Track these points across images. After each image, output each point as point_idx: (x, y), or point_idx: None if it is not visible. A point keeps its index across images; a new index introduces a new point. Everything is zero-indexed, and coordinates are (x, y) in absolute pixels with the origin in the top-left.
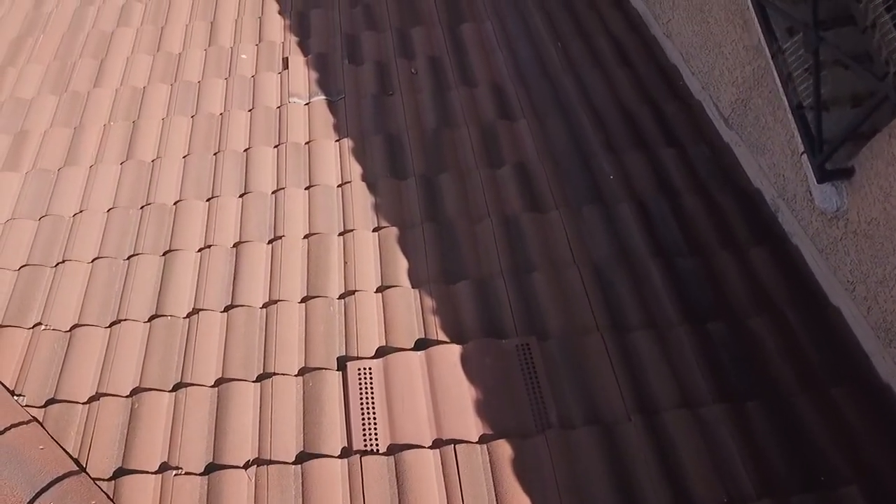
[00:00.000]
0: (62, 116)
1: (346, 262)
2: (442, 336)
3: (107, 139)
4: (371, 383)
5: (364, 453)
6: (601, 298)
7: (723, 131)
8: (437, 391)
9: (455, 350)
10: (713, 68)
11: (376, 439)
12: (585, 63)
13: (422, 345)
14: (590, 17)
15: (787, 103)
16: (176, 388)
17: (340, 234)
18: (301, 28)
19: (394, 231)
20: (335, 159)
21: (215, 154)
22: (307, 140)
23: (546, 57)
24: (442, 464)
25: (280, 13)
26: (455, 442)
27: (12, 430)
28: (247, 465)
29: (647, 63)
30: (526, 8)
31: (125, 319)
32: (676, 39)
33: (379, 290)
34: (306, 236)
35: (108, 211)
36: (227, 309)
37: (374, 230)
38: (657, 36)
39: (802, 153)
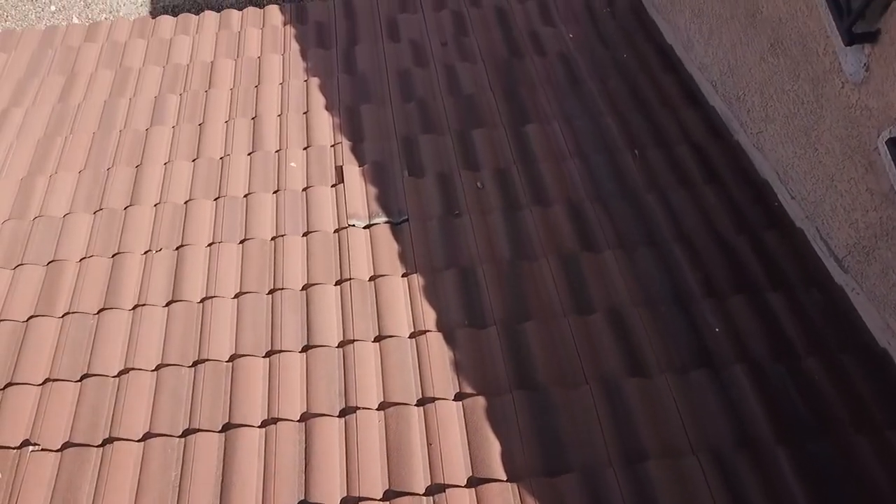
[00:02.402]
0: (99, 243)
1: (429, 444)
2: None
3: (149, 273)
4: None
5: None
6: (725, 492)
7: (835, 272)
8: None
9: None
10: (822, 201)
11: None
12: (668, 178)
13: None
14: (665, 118)
15: None
16: None
17: (419, 404)
18: (352, 128)
19: (480, 401)
20: (405, 301)
21: (271, 293)
22: (372, 275)
23: (623, 167)
24: None
25: (327, 108)
26: None
27: None
28: None
29: (736, 177)
30: (595, 106)
31: None
32: (770, 155)
33: (471, 482)
34: (381, 406)
35: (156, 369)
36: None
37: (457, 397)
38: (743, 144)
39: None
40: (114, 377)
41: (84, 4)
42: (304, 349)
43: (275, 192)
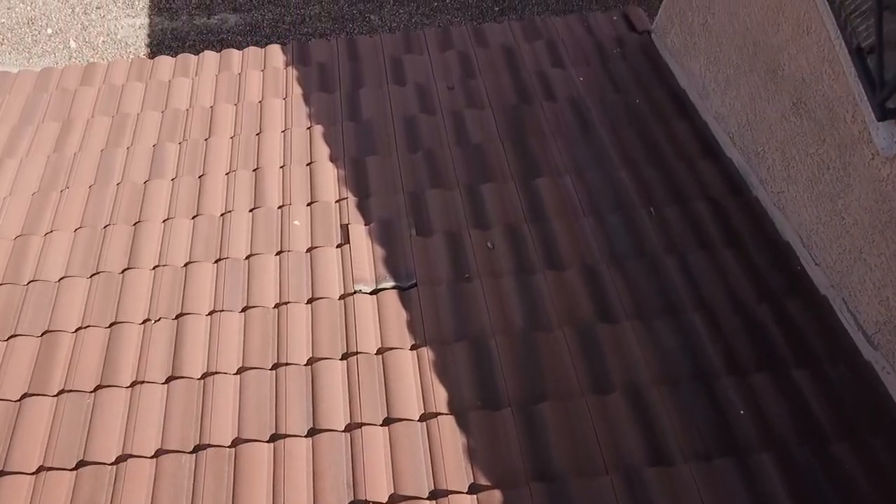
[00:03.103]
0: (96, 310)
1: None
2: None
3: (148, 345)
4: None
5: None
6: None
7: (863, 347)
8: None
9: None
10: (849, 272)
11: None
12: (686, 238)
13: None
14: (680, 171)
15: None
16: None
17: (432, 497)
18: (358, 182)
19: (496, 496)
20: (415, 378)
21: (274, 368)
22: (379, 347)
23: (639, 226)
24: None
25: (332, 160)
26: None
27: None
28: None
29: (756, 238)
30: (607, 157)
31: None
32: (792, 217)
33: None
34: (392, 499)
35: (155, 455)
36: None
37: (471, 490)
38: (762, 200)
39: None
40: (111, 465)
41: (81, 27)
42: (310, 433)
43: (278, 254)
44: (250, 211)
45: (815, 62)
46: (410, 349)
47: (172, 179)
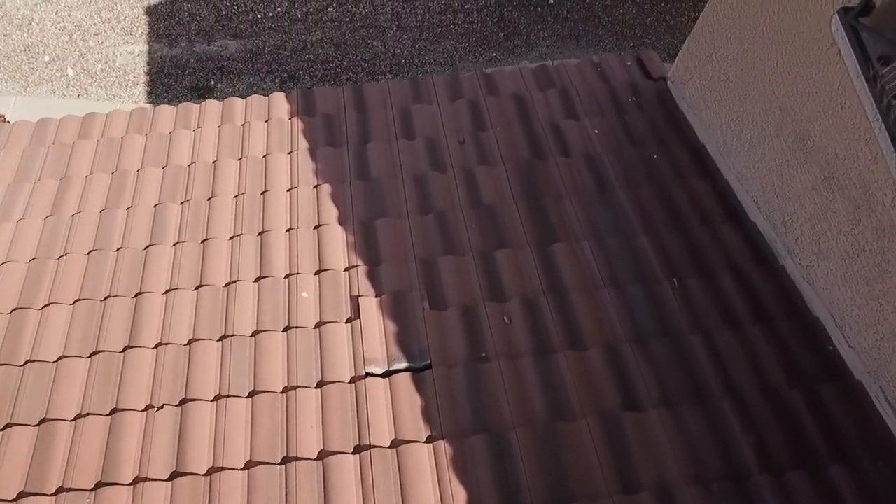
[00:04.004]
0: (95, 395)
1: None
2: None
3: (151, 437)
4: None
5: None
6: None
7: None
8: None
9: None
10: (888, 360)
11: None
12: (711, 315)
13: None
14: (703, 237)
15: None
16: None
17: None
18: (368, 248)
19: None
20: (431, 477)
21: (284, 463)
22: (393, 439)
23: (662, 301)
24: None
25: (340, 222)
26: None
27: None
28: None
29: (784, 312)
30: (626, 221)
31: None
32: (823, 294)
33: None
34: None
35: None
36: None
37: None
38: (790, 271)
39: None
40: None
41: (79, 54)
42: None
43: (286, 330)
44: (256, 281)
45: (850, 140)
46: (426, 441)
47: (174, 245)
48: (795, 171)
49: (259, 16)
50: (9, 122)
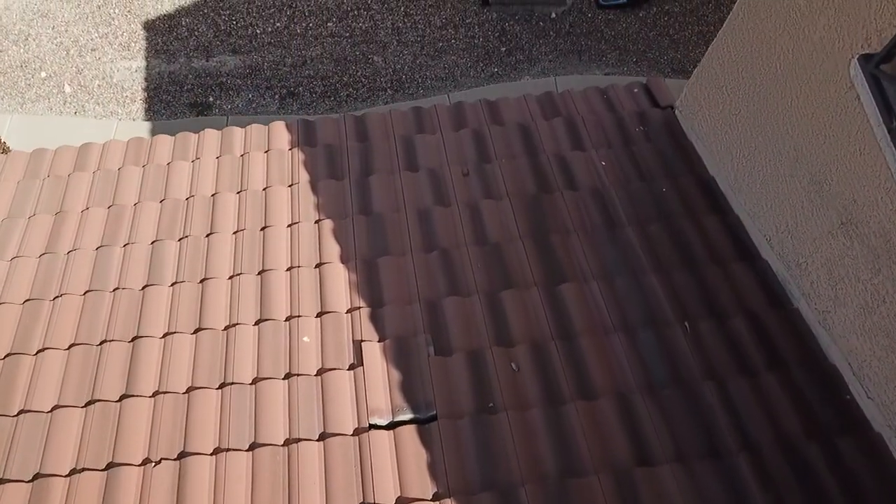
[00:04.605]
0: (91, 448)
1: None
2: None
3: (148, 496)
4: None
5: None
6: None
7: None
8: None
9: None
10: None
11: None
12: (725, 362)
13: None
14: (714, 276)
15: None
16: None
17: None
18: (370, 288)
19: None
20: None
21: None
22: (398, 497)
23: (674, 346)
24: None
25: (343, 260)
26: None
27: None
28: None
29: (799, 359)
30: (636, 260)
31: None
32: (840, 341)
33: None
34: None
35: None
36: None
37: None
38: (804, 314)
39: None
40: None
41: (76, 70)
42: None
43: (287, 377)
44: (256, 324)
45: (870, 187)
46: (432, 500)
47: (172, 285)
48: (811, 213)
49: (258, 31)
50: (5, 142)
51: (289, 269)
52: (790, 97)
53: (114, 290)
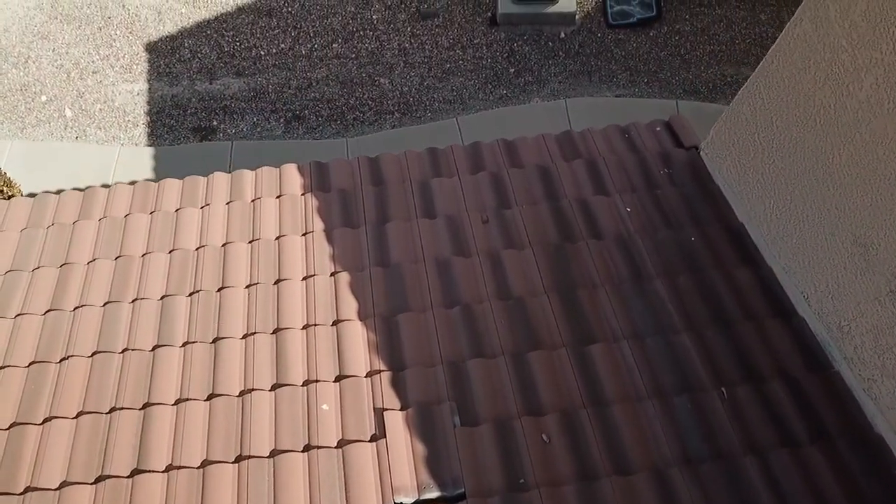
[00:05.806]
0: None
1: None
2: None
3: None
4: None
5: None
6: None
7: None
8: None
9: None
10: None
11: None
12: (766, 433)
13: None
14: (749, 336)
15: None
16: None
17: None
18: (391, 348)
19: None
20: None
21: None
22: None
23: (711, 414)
24: None
25: (360, 317)
26: None
27: None
28: None
29: (843, 429)
30: (666, 317)
31: None
32: (888, 412)
33: None
34: None
35: None
36: None
37: None
38: (847, 379)
39: None
40: None
41: (77, 94)
42: None
43: (306, 450)
44: (272, 389)
45: None
46: None
47: (183, 345)
48: (855, 276)
49: (262, 52)
50: (6, 173)
51: (305, 328)
52: (831, 153)
53: (122, 352)
